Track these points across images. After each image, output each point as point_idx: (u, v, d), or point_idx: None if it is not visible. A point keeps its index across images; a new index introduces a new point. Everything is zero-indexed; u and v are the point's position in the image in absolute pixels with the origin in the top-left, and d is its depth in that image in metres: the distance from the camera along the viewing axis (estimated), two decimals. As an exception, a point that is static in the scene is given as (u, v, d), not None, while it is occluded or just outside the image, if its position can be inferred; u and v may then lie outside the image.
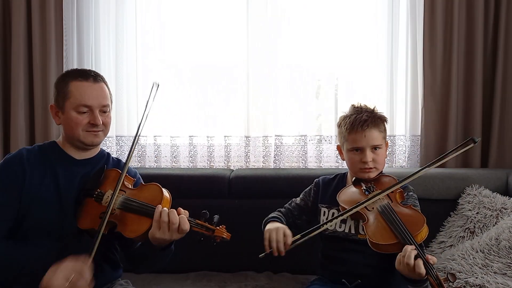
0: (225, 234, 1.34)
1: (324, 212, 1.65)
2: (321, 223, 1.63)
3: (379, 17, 2.39)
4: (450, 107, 2.28)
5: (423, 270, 1.23)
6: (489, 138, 2.31)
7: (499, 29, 2.27)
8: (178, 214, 1.32)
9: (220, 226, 1.34)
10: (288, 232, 1.47)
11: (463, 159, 2.33)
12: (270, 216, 1.68)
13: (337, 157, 2.42)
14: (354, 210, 1.45)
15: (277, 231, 1.47)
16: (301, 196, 1.77)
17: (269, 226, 1.54)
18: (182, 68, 2.49)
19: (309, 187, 1.77)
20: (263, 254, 1.46)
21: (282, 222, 1.62)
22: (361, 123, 1.54)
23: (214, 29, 2.45)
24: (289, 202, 1.79)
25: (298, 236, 1.45)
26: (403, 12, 2.36)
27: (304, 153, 2.42)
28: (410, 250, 1.26)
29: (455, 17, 2.26)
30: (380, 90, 2.41)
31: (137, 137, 1.50)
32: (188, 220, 1.32)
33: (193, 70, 2.47)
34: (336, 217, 1.47)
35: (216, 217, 1.35)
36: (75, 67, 2.38)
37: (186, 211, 1.36)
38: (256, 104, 2.43)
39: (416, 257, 1.24)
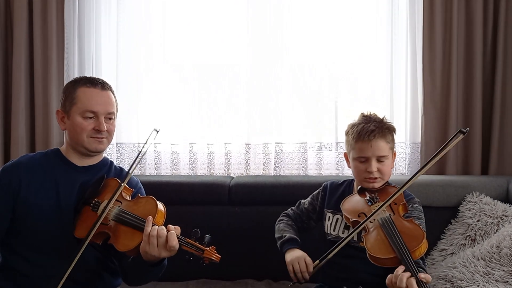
0: (214, 256, 1.30)
1: (329, 217, 1.65)
2: (326, 228, 1.65)
3: (379, 24, 2.40)
4: (450, 114, 2.28)
5: None
6: (489, 145, 2.31)
7: (498, 35, 2.28)
8: (168, 231, 1.29)
9: (210, 248, 1.31)
10: (308, 260, 1.51)
11: (464, 167, 2.33)
12: (285, 235, 1.65)
13: (337, 164, 2.41)
14: (360, 228, 1.44)
15: (299, 261, 1.51)
16: (309, 199, 1.78)
17: (290, 256, 1.55)
18: (182, 74, 2.50)
19: (317, 191, 1.77)
20: (291, 284, 1.53)
21: (297, 241, 1.63)
22: (368, 133, 1.53)
23: (213, 35, 2.45)
24: (297, 204, 1.79)
25: (317, 261, 1.49)
26: (402, 19, 2.37)
27: (304, 161, 2.42)
28: (401, 273, 1.25)
29: (454, 24, 2.27)
30: (380, 98, 2.41)
31: (135, 163, 1.46)
32: (178, 238, 1.30)
33: (194, 76, 2.47)
34: (347, 236, 1.46)
35: (207, 236, 1.33)
36: (76, 74, 2.39)
37: (178, 227, 1.34)
38: (256, 111, 2.43)
39: (410, 277, 1.24)
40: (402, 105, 2.39)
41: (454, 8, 2.26)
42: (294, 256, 1.53)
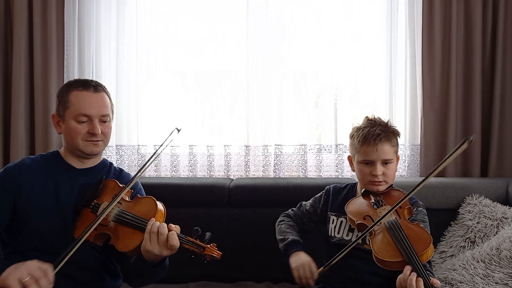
0: (215, 253, 1.31)
1: (333, 220, 1.66)
2: (330, 232, 1.65)
3: (378, 27, 2.41)
4: (449, 116, 2.29)
5: None
6: (489, 147, 2.31)
7: (497, 38, 2.29)
8: (169, 230, 1.29)
9: (211, 245, 1.32)
10: (314, 266, 1.51)
11: (463, 169, 2.33)
12: (287, 237, 1.65)
13: (337, 166, 2.42)
14: (367, 232, 1.44)
15: (303, 268, 1.51)
16: (310, 201, 1.78)
17: (295, 261, 1.55)
18: (183, 76, 2.50)
19: (319, 194, 1.77)
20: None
21: (301, 244, 1.63)
22: (373, 137, 1.54)
23: (212, 38, 2.46)
24: (298, 205, 1.80)
25: (322, 268, 1.49)
26: (401, 22, 2.38)
27: (304, 162, 2.42)
28: (410, 274, 1.25)
29: (453, 27, 2.28)
30: (379, 100, 2.42)
31: (146, 166, 1.46)
32: (179, 236, 1.30)
33: (194, 79, 2.48)
34: (352, 243, 1.45)
35: (207, 234, 1.33)
36: (76, 76, 2.40)
37: (178, 227, 1.34)
38: (256, 113, 2.44)
39: (418, 278, 1.24)
40: (402, 108, 2.40)
41: (453, 10, 2.27)
42: (300, 262, 1.53)
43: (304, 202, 1.79)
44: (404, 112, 2.40)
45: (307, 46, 2.43)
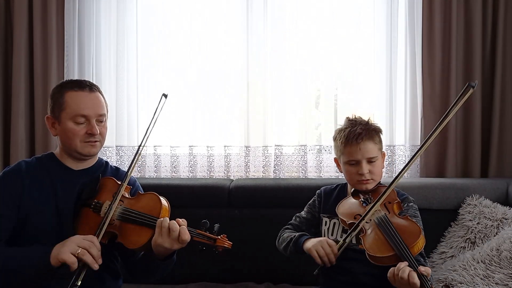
0: (226, 243, 1.34)
1: (326, 222, 1.66)
2: (323, 233, 1.65)
3: (378, 27, 2.41)
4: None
5: (417, 281, 1.24)
6: (489, 147, 2.31)
7: (497, 37, 2.28)
8: (179, 225, 1.31)
9: (221, 236, 1.34)
10: (331, 241, 1.49)
11: (463, 169, 2.33)
12: (294, 235, 1.63)
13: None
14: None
15: (322, 244, 1.48)
16: (305, 209, 1.77)
17: (310, 243, 1.53)
18: (182, 77, 2.49)
19: (312, 200, 1.77)
20: (317, 270, 1.50)
21: (308, 235, 1.61)
22: (355, 137, 1.56)
23: (212, 38, 2.46)
24: (294, 218, 1.77)
25: (341, 241, 1.48)
26: (401, 22, 2.38)
27: (304, 163, 2.42)
28: (403, 266, 1.28)
29: (453, 27, 2.27)
30: (379, 100, 2.42)
31: (141, 147, 1.49)
32: (189, 230, 1.32)
33: (193, 80, 2.47)
34: (361, 219, 1.46)
35: (216, 226, 1.35)
36: (76, 77, 2.40)
37: (184, 220, 1.35)
38: (256, 113, 2.43)
39: (410, 270, 1.27)
40: (402, 108, 2.40)
41: (453, 10, 2.27)
42: (316, 241, 1.51)
43: (298, 214, 1.77)
44: (404, 112, 2.40)
45: (307, 46, 2.43)
